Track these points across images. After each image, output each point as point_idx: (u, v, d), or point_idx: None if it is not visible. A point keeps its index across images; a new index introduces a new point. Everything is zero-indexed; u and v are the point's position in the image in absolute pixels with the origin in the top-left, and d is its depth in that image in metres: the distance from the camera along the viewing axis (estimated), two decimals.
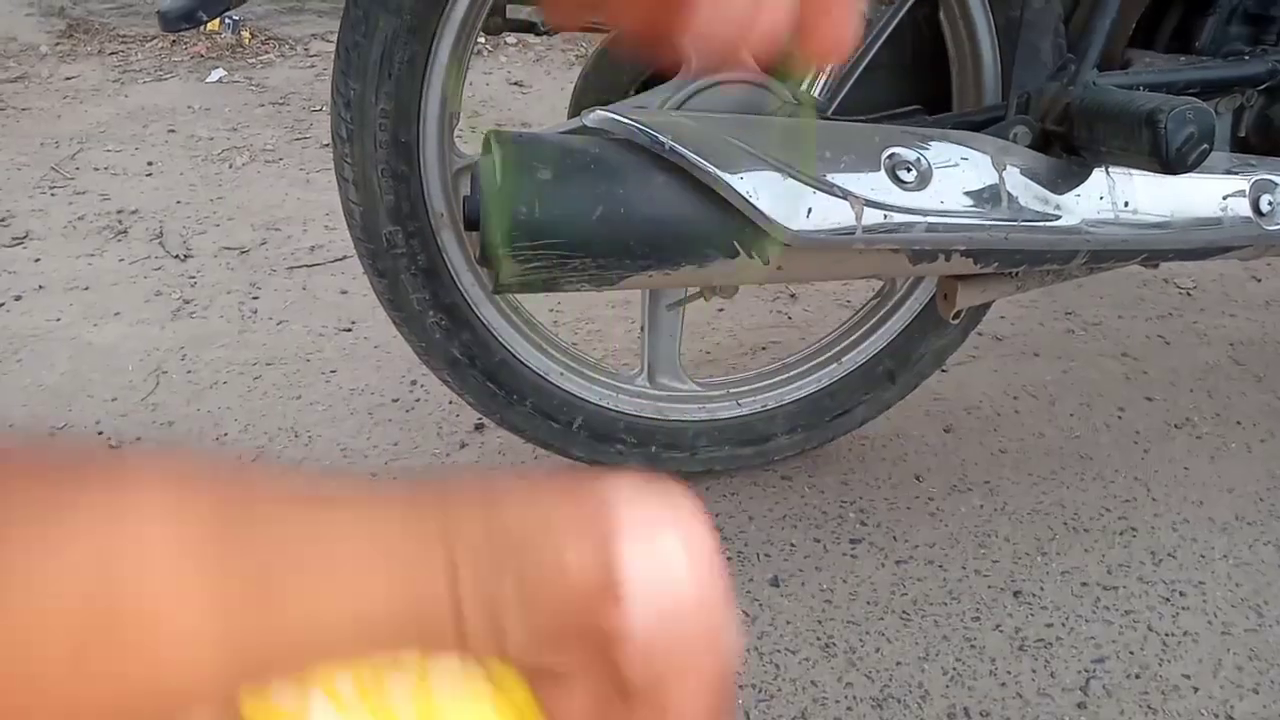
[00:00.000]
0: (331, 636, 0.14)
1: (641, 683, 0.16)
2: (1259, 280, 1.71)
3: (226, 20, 2.88)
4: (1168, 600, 1.02)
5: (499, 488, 0.16)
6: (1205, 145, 0.76)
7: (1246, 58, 0.98)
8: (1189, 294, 1.66)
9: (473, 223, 0.71)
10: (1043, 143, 0.87)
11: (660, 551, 0.15)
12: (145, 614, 0.13)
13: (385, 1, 0.82)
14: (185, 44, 2.83)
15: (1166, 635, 0.97)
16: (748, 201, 0.71)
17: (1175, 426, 1.30)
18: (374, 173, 0.87)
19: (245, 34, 2.93)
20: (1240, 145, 1.00)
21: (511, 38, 2.92)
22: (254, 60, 2.82)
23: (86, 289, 1.56)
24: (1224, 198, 0.87)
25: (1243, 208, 0.88)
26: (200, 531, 0.14)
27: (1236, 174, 0.89)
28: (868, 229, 0.74)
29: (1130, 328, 1.54)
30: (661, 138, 0.71)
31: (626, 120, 0.72)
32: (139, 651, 0.13)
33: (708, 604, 0.16)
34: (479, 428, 1.24)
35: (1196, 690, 0.91)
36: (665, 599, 0.15)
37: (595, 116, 0.74)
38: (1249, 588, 1.04)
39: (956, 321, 1.05)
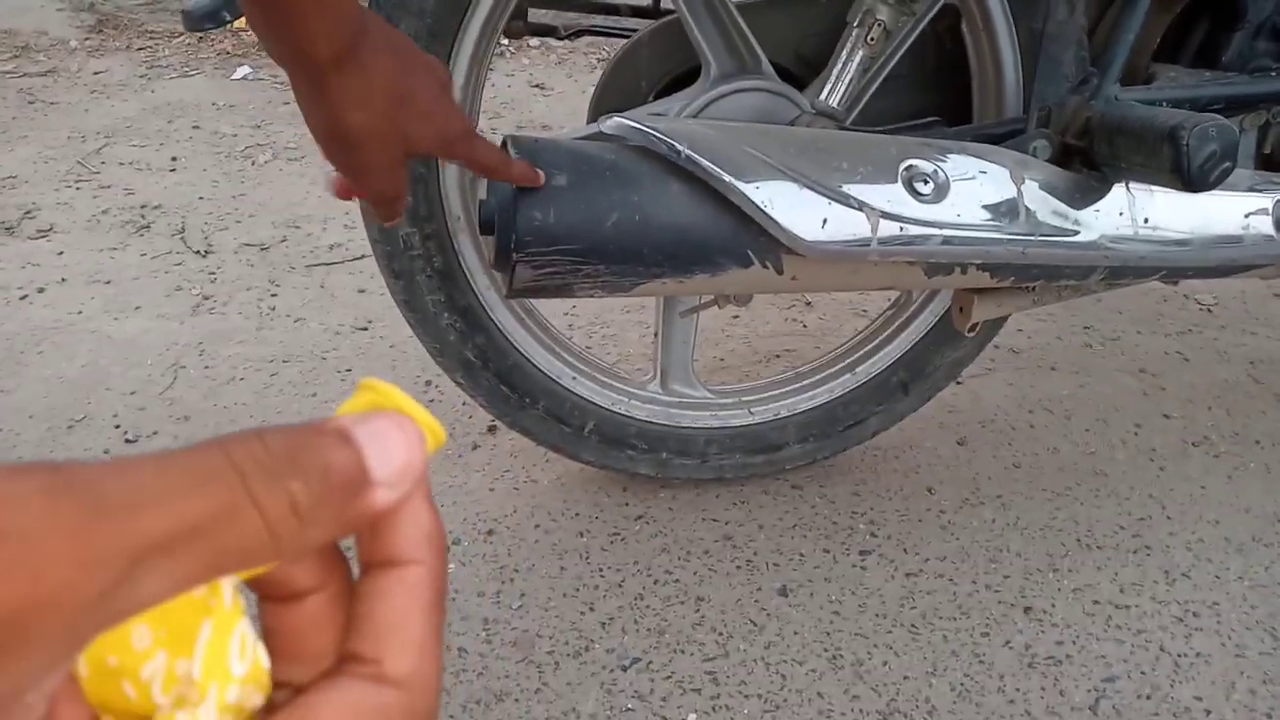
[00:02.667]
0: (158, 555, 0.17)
1: (388, 548, 0.22)
2: None
3: None
4: (1181, 621, 1.01)
5: (251, 434, 0.19)
6: (1228, 163, 0.75)
7: (1273, 74, 0.97)
8: (1209, 310, 1.64)
9: (487, 227, 0.71)
10: (1063, 157, 0.87)
11: (391, 451, 0.21)
12: None
13: (407, 4, 0.82)
14: (212, 41, 2.86)
15: (1179, 656, 0.96)
16: (763, 211, 0.71)
17: (1192, 444, 1.29)
18: None
19: None
20: (1265, 163, 0.99)
21: (534, 40, 2.93)
22: None
23: (108, 283, 1.57)
24: (1246, 216, 0.86)
25: (1265, 226, 0.87)
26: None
27: (1260, 192, 0.88)
28: (883, 241, 0.74)
29: (1149, 344, 1.53)
30: (678, 145, 0.71)
31: (643, 127, 0.72)
32: None
33: (420, 484, 0.22)
34: (491, 429, 1.25)
35: (1209, 713, 0.90)
36: (401, 483, 0.21)
37: (612, 123, 0.74)
38: (1264, 610, 1.02)
39: (972, 334, 1.05)
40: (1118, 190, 0.83)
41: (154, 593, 0.17)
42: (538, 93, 2.71)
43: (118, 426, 1.24)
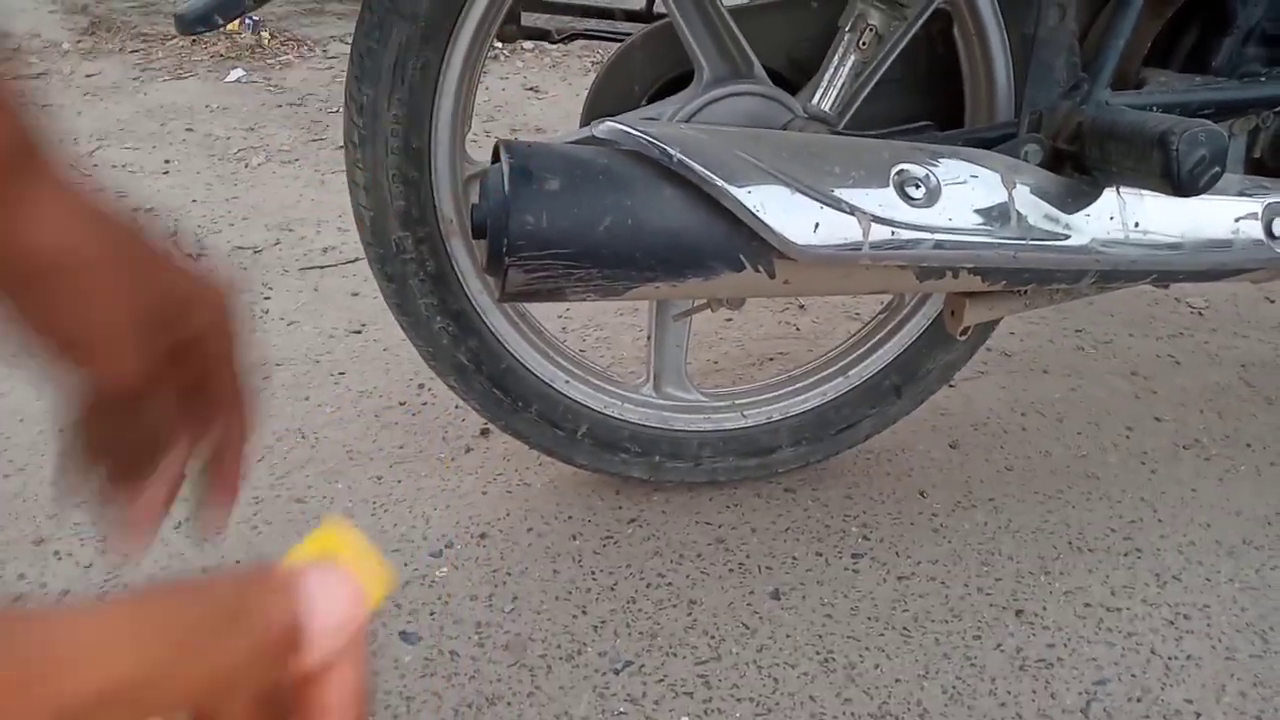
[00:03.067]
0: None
1: (308, 703, 0.23)
2: (1272, 301, 1.70)
3: (246, 21, 2.90)
4: (1172, 623, 1.01)
5: (199, 584, 0.20)
6: (1217, 168, 0.76)
7: (1263, 79, 0.97)
8: (1201, 314, 1.65)
9: (480, 231, 0.71)
10: (1054, 161, 0.87)
11: (331, 610, 0.22)
12: None
13: (400, 7, 0.82)
14: (205, 43, 2.86)
15: (1170, 659, 0.97)
16: (755, 215, 0.71)
17: (1184, 447, 1.29)
18: (385, 178, 0.88)
19: (265, 34, 2.96)
20: (1254, 167, 0.99)
21: (528, 43, 2.93)
22: (273, 61, 2.84)
23: None
24: (1236, 220, 0.87)
25: (1255, 230, 0.88)
26: None
27: (1249, 196, 0.88)
28: (875, 245, 0.74)
29: (1140, 346, 1.54)
30: (670, 150, 0.71)
31: (635, 132, 0.72)
32: None
33: (355, 640, 0.23)
34: (484, 433, 1.24)
35: (1199, 716, 0.90)
36: (337, 642, 0.22)
37: (604, 128, 0.74)
38: (1255, 612, 1.03)
39: (964, 338, 1.05)
40: (1109, 194, 0.83)
41: None
42: (532, 96, 2.71)
43: None
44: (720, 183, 0.71)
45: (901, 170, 0.77)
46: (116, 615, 0.18)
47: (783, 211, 0.72)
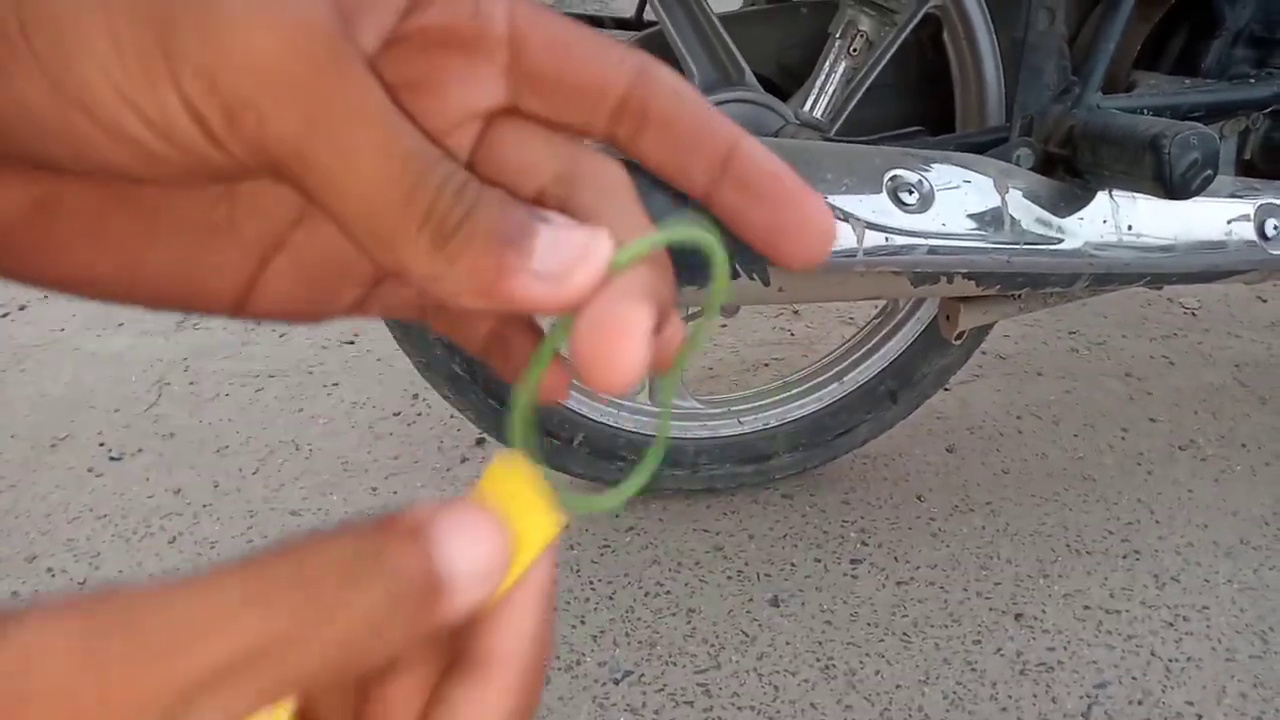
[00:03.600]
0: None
1: (474, 647, 0.20)
2: (1264, 301, 1.71)
3: None
4: (1171, 625, 1.01)
5: (315, 539, 0.17)
6: (1209, 171, 0.76)
7: (1252, 81, 0.98)
8: (1194, 314, 1.65)
9: None
10: (1046, 165, 0.87)
11: (470, 552, 0.18)
12: None
13: None
14: None
15: (1170, 661, 0.96)
16: None
17: (1179, 448, 1.29)
18: None
19: None
20: (1245, 168, 1.00)
21: None
22: None
23: (91, 300, 1.56)
24: (1228, 222, 0.87)
25: (1247, 232, 0.88)
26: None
27: (1241, 198, 0.88)
28: (869, 251, 0.74)
29: (1134, 348, 1.54)
30: None
31: None
32: None
33: (526, 584, 0.20)
34: (480, 442, 1.24)
35: (1200, 718, 0.90)
36: (483, 587, 0.18)
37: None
38: (1254, 613, 1.03)
39: (959, 342, 1.05)
40: (1101, 198, 0.83)
41: None
42: None
43: (102, 444, 1.23)
44: None
45: (894, 176, 0.77)
46: (234, 579, 0.16)
47: None
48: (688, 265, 0.77)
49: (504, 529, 0.19)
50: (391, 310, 0.24)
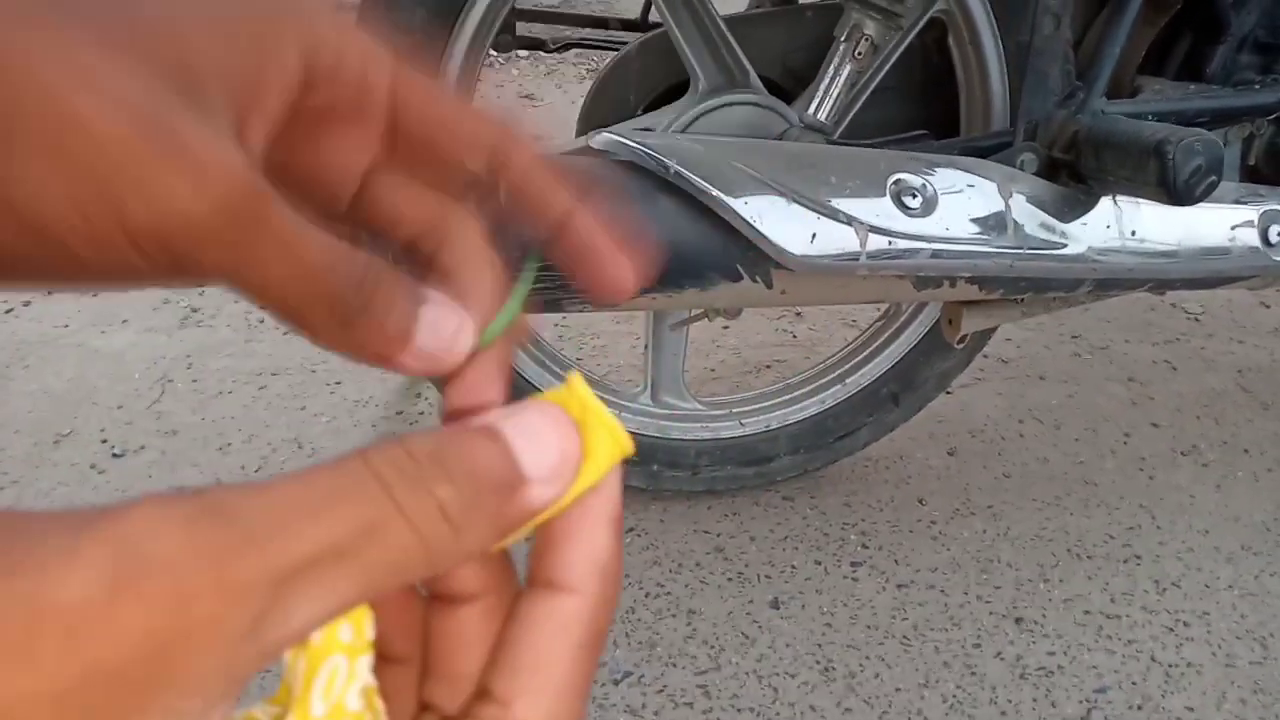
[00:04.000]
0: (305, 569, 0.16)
1: (549, 569, 0.21)
2: (1268, 307, 1.70)
3: None
4: (1171, 630, 1.01)
5: (393, 442, 0.19)
6: (1213, 177, 0.76)
7: (1257, 87, 0.97)
8: (1197, 319, 1.65)
9: None
10: (1050, 170, 0.87)
11: (543, 445, 0.20)
12: None
13: (394, 19, 0.82)
14: None
15: (1170, 666, 0.96)
16: (751, 226, 0.71)
17: (1181, 454, 1.29)
18: None
19: None
20: (1250, 174, 1.00)
21: (524, 51, 2.93)
22: None
23: (94, 295, 1.56)
24: (1232, 228, 0.87)
25: (1251, 238, 0.88)
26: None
27: (1245, 204, 0.88)
28: (872, 255, 0.74)
29: (1137, 352, 1.54)
30: (666, 161, 0.71)
31: (631, 143, 0.72)
32: None
33: (606, 505, 0.21)
34: None
35: None
36: (559, 479, 0.20)
37: (600, 138, 0.74)
38: (1254, 619, 1.03)
39: (961, 345, 1.05)
40: (1105, 203, 0.83)
41: (307, 619, 0.16)
42: (527, 104, 2.72)
43: (104, 441, 1.23)
44: (717, 193, 0.71)
45: (898, 180, 0.77)
46: (323, 475, 0.17)
47: (779, 222, 0.72)
48: (686, 268, 0.77)
49: (573, 429, 0.20)
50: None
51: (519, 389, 1.02)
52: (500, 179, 0.23)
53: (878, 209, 0.75)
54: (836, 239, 0.73)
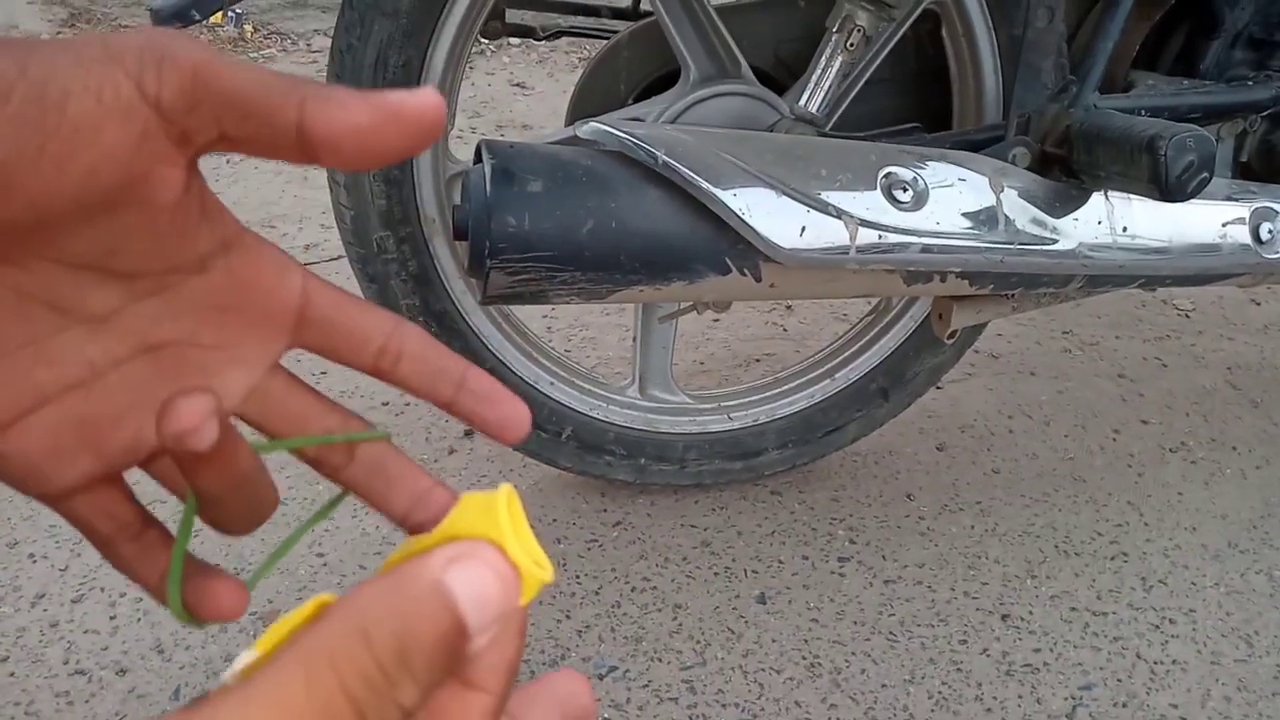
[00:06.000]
0: None
1: (466, 670, 0.23)
2: (1258, 304, 1.71)
3: (229, 14, 2.86)
4: (1157, 628, 1.01)
5: (349, 610, 0.20)
6: (1205, 174, 0.75)
7: (1250, 83, 0.97)
8: (1187, 316, 1.65)
9: (461, 232, 0.70)
10: (1042, 165, 0.86)
11: (488, 601, 0.21)
12: None
13: (382, 4, 0.81)
14: None
15: (1155, 663, 0.96)
16: (740, 219, 0.70)
17: (1170, 450, 1.29)
18: (366, 176, 0.86)
19: (248, 28, 2.93)
20: (1242, 170, 0.99)
21: (515, 38, 2.91)
22: (256, 55, 2.81)
23: None
24: (1224, 225, 0.86)
25: (1242, 235, 0.87)
26: None
27: (1237, 201, 0.88)
28: (861, 249, 0.74)
29: (1127, 349, 1.54)
30: (655, 152, 0.70)
31: (619, 133, 0.71)
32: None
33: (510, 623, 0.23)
34: (468, 434, 1.23)
35: None
36: (494, 628, 0.22)
37: (588, 128, 0.73)
38: (1240, 617, 1.03)
39: (951, 341, 1.04)
40: (1096, 199, 0.82)
41: None
42: (518, 92, 2.69)
43: None
44: (706, 185, 0.70)
45: (889, 173, 0.76)
46: (296, 696, 0.18)
47: (769, 215, 0.71)
48: (673, 261, 0.76)
49: (516, 587, 0.22)
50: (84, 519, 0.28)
51: (511, 385, 1.01)
52: (401, 357, 0.29)
53: (868, 202, 0.74)
54: (826, 233, 0.73)
